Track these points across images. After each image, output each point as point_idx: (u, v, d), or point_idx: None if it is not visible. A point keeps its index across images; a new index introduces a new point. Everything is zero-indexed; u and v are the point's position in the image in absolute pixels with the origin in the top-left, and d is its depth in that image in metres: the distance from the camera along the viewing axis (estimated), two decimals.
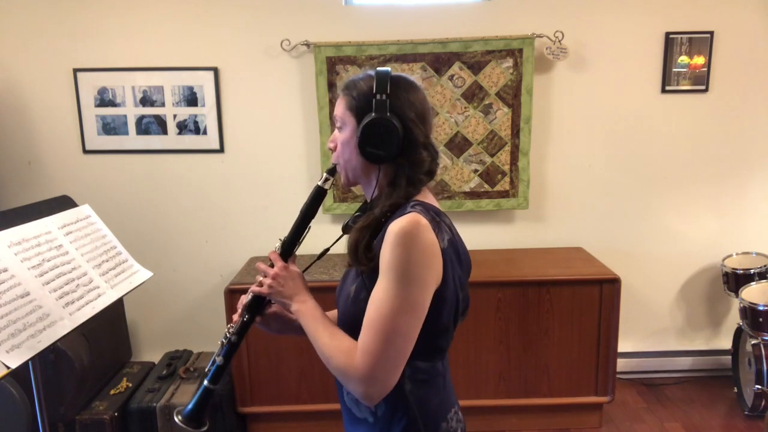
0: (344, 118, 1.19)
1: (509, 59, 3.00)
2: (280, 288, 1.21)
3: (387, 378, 1.06)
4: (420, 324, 1.07)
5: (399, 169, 1.16)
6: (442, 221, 1.13)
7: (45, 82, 3.05)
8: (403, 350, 1.06)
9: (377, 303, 1.05)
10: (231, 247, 3.21)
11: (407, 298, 1.04)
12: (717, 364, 3.35)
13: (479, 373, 2.82)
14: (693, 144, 3.17)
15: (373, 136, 1.13)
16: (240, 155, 3.14)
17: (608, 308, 2.75)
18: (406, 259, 1.04)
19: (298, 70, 3.06)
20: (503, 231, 3.25)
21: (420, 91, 1.20)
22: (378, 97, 1.13)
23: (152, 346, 3.30)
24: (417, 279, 1.05)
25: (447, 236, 1.12)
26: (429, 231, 1.06)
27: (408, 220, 1.06)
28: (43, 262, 1.61)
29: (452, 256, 1.12)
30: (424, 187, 1.20)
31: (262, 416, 2.88)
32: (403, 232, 1.04)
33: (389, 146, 1.12)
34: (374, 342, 1.04)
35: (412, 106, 1.16)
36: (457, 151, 3.09)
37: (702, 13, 3.03)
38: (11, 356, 1.38)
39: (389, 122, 1.12)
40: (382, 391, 1.07)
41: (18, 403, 2.34)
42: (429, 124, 1.20)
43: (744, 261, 3.15)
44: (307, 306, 1.19)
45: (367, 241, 1.11)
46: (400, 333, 1.04)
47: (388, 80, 1.15)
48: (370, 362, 1.04)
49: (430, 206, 1.14)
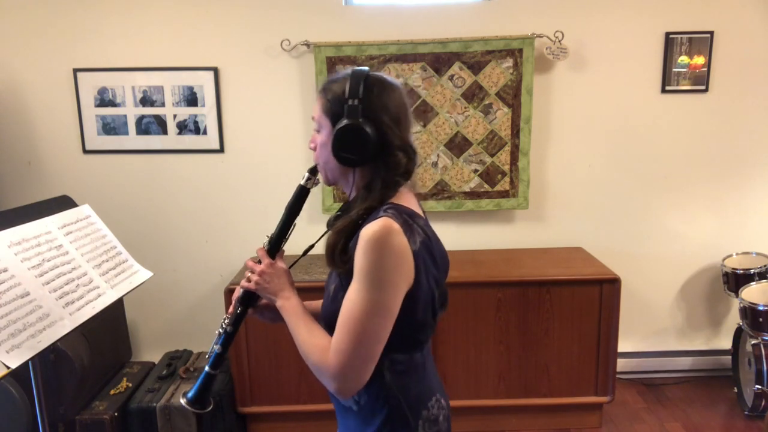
0: (321, 121, 1.22)
1: (509, 59, 3.00)
2: (266, 284, 1.27)
3: (357, 376, 1.11)
4: (390, 325, 1.11)
5: (374, 172, 1.19)
6: (414, 224, 1.15)
7: (45, 82, 3.05)
8: (372, 350, 1.11)
9: (349, 304, 1.10)
10: (231, 247, 3.21)
11: (378, 301, 1.08)
12: (717, 364, 3.35)
13: (479, 373, 2.82)
14: (693, 144, 3.17)
15: (346, 141, 1.15)
16: (240, 155, 3.14)
17: (608, 308, 2.75)
18: (377, 264, 1.08)
19: (298, 70, 3.06)
20: (503, 231, 3.25)
21: (396, 92, 1.20)
22: (350, 102, 1.15)
23: (152, 346, 3.30)
24: (387, 283, 1.09)
25: (419, 238, 1.15)
26: (400, 235, 1.10)
27: (380, 224, 1.09)
28: (43, 262, 1.61)
29: (425, 257, 1.16)
30: (403, 188, 1.22)
31: (262, 416, 2.88)
32: (374, 237, 1.08)
33: (362, 151, 1.15)
34: (345, 342, 1.09)
35: (386, 110, 1.17)
36: (457, 151, 3.09)
37: (702, 13, 3.03)
38: (11, 356, 1.38)
39: (360, 128, 1.14)
40: (353, 387, 1.12)
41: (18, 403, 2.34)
42: (405, 125, 1.21)
43: (744, 261, 3.15)
44: (290, 303, 1.24)
45: (343, 244, 1.15)
46: (370, 334, 1.09)
47: (361, 84, 1.16)
48: (341, 361, 1.10)
49: (403, 209, 1.17)
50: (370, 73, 1.19)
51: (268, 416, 2.88)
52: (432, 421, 1.24)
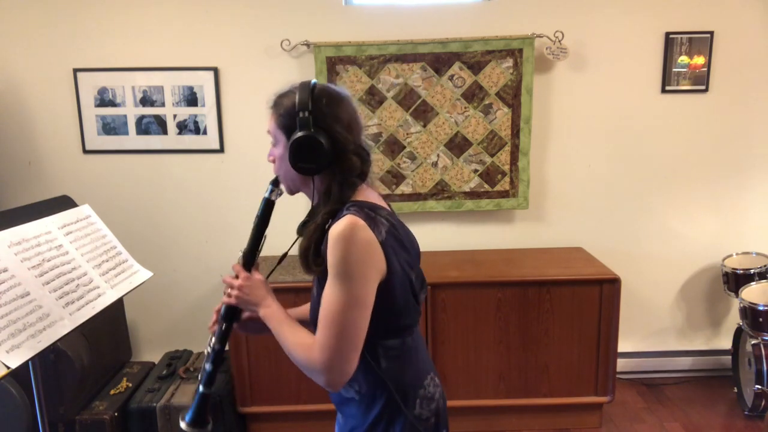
0: (276, 135, 1.28)
1: (509, 59, 3.00)
2: (246, 297, 1.33)
3: (343, 367, 1.17)
4: (367, 315, 1.17)
5: (332, 177, 1.24)
6: (377, 216, 1.21)
7: (45, 82, 3.05)
8: (354, 341, 1.16)
9: (326, 301, 1.16)
10: (231, 247, 3.21)
11: (352, 293, 1.14)
12: (717, 364, 3.35)
13: (479, 373, 2.82)
14: (693, 144, 3.17)
15: (301, 152, 1.21)
16: (240, 155, 3.14)
17: (608, 308, 2.75)
18: (346, 259, 1.14)
19: (298, 70, 3.06)
20: (503, 231, 3.25)
21: (344, 101, 1.26)
22: (301, 114, 1.21)
23: (152, 346, 3.30)
24: (358, 275, 1.15)
25: (384, 228, 1.20)
26: (365, 229, 1.16)
27: (344, 223, 1.15)
28: (43, 262, 1.61)
29: (393, 244, 1.22)
30: (364, 185, 1.29)
31: (262, 416, 2.88)
32: (340, 234, 1.14)
33: (318, 159, 1.21)
34: (328, 337, 1.16)
35: (337, 119, 1.23)
36: (457, 151, 3.09)
37: (702, 13, 3.03)
38: (11, 356, 1.38)
39: (313, 138, 1.20)
40: (341, 379, 1.18)
41: (18, 403, 2.34)
42: (357, 129, 1.27)
43: (744, 261, 3.15)
44: (272, 310, 1.30)
45: (315, 247, 1.21)
46: (349, 326, 1.15)
47: (309, 96, 1.22)
48: (326, 355, 1.16)
49: (365, 204, 1.23)
50: (317, 84, 1.25)
51: (268, 416, 2.88)
52: (429, 398, 1.31)
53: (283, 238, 1.45)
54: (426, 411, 1.30)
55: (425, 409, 1.30)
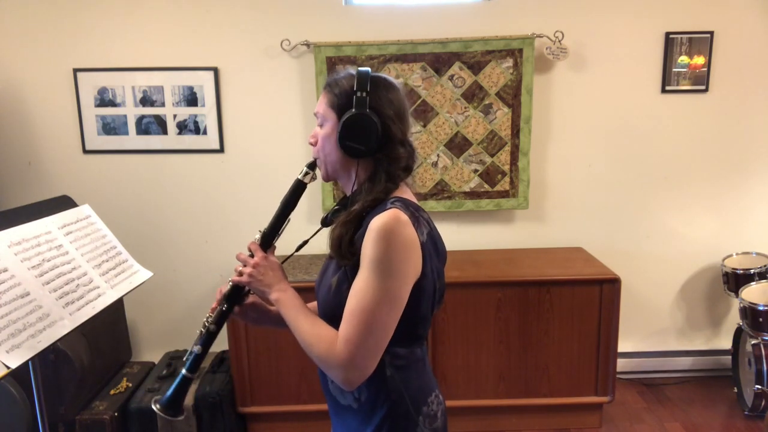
0: (325, 115, 1.23)
1: (509, 59, 3.00)
2: (260, 277, 1.25)
3: (366, 365, 1.11)
4: (398, 315, 1.12)
5: (378, 165, 1.20)
6: (420, 216, 1.18)
7: (45, 82, 3.05)
8: (381, 339, 1.11)
9: (359, 294, 1.10)
10: (231, 247, 3.21)
11: (387, 290, 1.09)
12: (717, 364, 3.35)
13: (479, 373, 2.82)
14: (693, 144, 3.17)
15: (353, 130, 1.17)
16: (240, 155, 3.14)
17: (608, 308, 2.75)
18: (387, 254, 1.09)
19: (298, 70, 3.06)
20: (503, 231, 3.25)
21: (398, 91, 1.24)
22: (358, 94, 1.17)
23: (152, 346, 3.30)
24: (397, 272, 1.10)
25: (426, 230, 1.17)
26: (409, 226, 1.12)
27: (389, 215, 1.11)
28: (43, 262, 1.61)
29: (431, 249, 1.18)
30: (403, 183, 1.24)
31: (262, 416, 2.88)
32: (384, 227, 1.09)
33: (368, 141, 1.17)
34: (355, 331, 1.09)
35: (391, 104, 1.20)
36: (457, 151, 3.09)
37: (702, 13, 3.03)
38: (11, 356, 1.38)
39: (368, 118, 1.17)
40: (360, 378, 1.12)
41: (18, 403, 2.34)
42: (406, 122, 1.24)
43: (744, 261, 3.15)
44: (287, 295, 1.23)
45: (350, 236, 1.16)
46: (379, 323, 1.10)
47: (368, 79, 1.19)
48: (350, 350, 1.09)
49: (409, 202, 1.19)
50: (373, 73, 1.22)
51: (268, 416, 2.88)
52: (432, 416, 1.24)
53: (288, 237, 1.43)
54: (428, 430, 1.22)
55: (428, 428, 1.22)
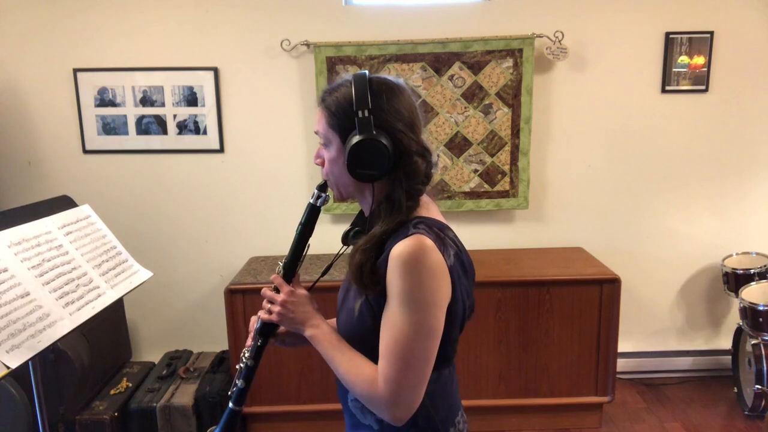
0: (327, 136, 1.13)
1: (509, 59, 3.00)
2: (290, 315, 1.19)
3: (411, 400, 1.06)
4: (437, 344, 1.06)
5: (395, 183, 1.10)
6: (446, 237, 1.09)
7: (45, 82, 3.05)
8: (423, 372, 1.06)
9: (392, 330, 1.04)
10: (231, 247, 3.21)
11: (422, 323, 1.03)
12: (717, 364, 3.35)
13: (479, 373, 2.82)
14: (693, 144, 3.17)
15: (363, 157, 1.06)
16: (240, 155, 3.14)
17: (608, 308, 2.75)
18: (416, 285, 1.02)
19: (298, 70, 3.06)
20: (503, 231, 3.25)
21: (404, 94, 1.12)
22: (360, 114, 1.06)
23: (152, 346, 3.30)
24: (429, 303, 1.03)
25: (452, 251, 1.09)
26: (435, 252, 1.04)
27: (412, 243, 1.03)
28: (43, 262, 1.61)
29: (459, 270, 1.10)
30: (426, 197, 1.16)
31: (262, 416, 2.88)
32: (410, 257, 1.02)
33: (380, 165, 1.07)
34: (395, 369, 1.03)
35: (399, 115, 1.09)
36: (457, 151, 3.09)
37: (702, 13, 3.03)
38: (11, 356, 1.38)
39: (377, 142, 1.06)
40: (408, 413, 1.07)
41: (18, 403, 2.35)
42: (419, 126, 1.13)
43: (744, 261, 3.15)
44: (321, 331, 1.17)
45: (371, 263, 1.08)
46: (418, 357, 1.04)
47: (368, 91, 1.07)
48: (392, 389, 1.04)
49: (433, 222, 1.10)
50: (372, 77, 1.10)
51: (268, 416, 2.88)
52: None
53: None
54: None
55: None
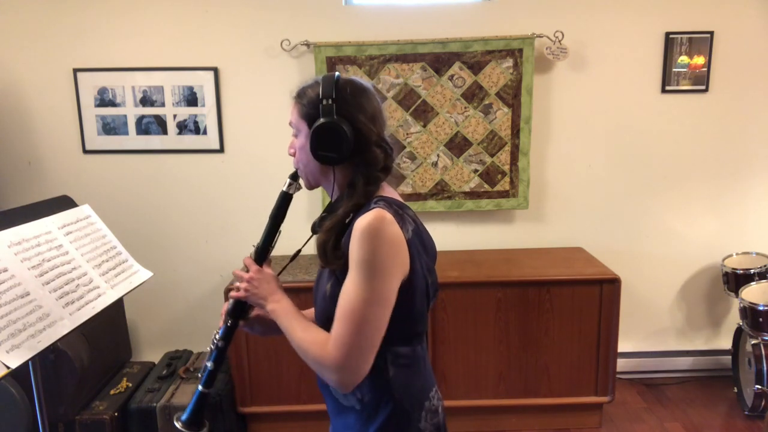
0: (298, 125, 1.25)
1: (509, 59, 3.00)
2: (255, 290, 1.28)
3: (359, 365, 1.12)
4: (388, 313, 1.13)
5: (355, 169, 1.22)
6: (405, 213, 1.19)
7: (45, 82, 3.05)
8: (373, 339, 1.12)
9: (347, 295, 1.11)
10: (231, 247, 3.21)
11: (375, 289, 1.10)
12: (717, 364, 3.35)
13: (479, 373, 2.82)
14: (693, 144, 3.17)
15: (323, 139, 1.17)
16: (240, 155, 3.14)
17: (608, 308, 2.75)
18: (373, 253, 1.10)
19: (298, 70, 3.06)
20: (503, 231, 3.25)
21: (368, 92, 1.24)
22: (324, 102, 1.18)
23: (152, 346, 3.30)
24: (384, 271, 1.11)
25: (411, 227, 1.18)
26: (393, 224, 1.13)
27: (373, 215, 1.12)
28: (43, 262, 1.61)
29: (417, 245, 1.19)
30: (385, 183, 1.26)
31: (262, 416, 2.88)
32: (369, 227, 1.10)
33: (340, 148, 1.17)
34: (346, 332, 1.10)
35: (360, 108, 1.20)
36: (457, 151, 3.09)
37: (702, 13, 3.03)
38: (11, 356, 1.38)
39: (336, 125, 1.17)
40: (355, 379, 1.13)
41: (18, 403, 2.35)
42: (380, 122, 1.24)
43: (744, 261, 3.15)
44: (281, 305, 1.25)
45: (334, 241, 1.17)
46: (369, 323, 1.11)
47: (333, 85, 1.19)
48: (342, 351, 1.10)
49: (392, 200, 1.20)
50: (341, 77, 1.22)
51: (268, 416, 2.88)
52: (433, 411, 1.26)
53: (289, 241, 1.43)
54: (430, 425, 1.24)
55: (429, 423, 1.24)
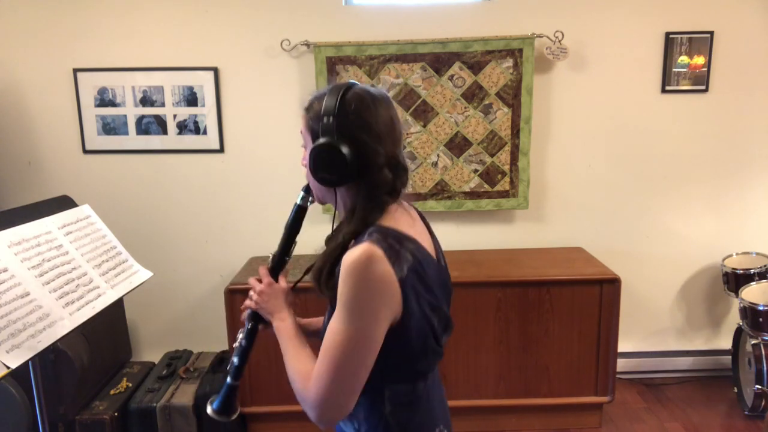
0: (305, 138, 1.18)
1: (509, 59, 3.00)
2: (263, 304, 1.29)
3: (338, 404, 1.07)
4: (373, 355, 1.06)
5: (357, 192, 1.13)
6: (402, 248, 1.08)
7: (45, 82, 3.05)
8: (353, 380, 1.06)
9: (331, 332, 1.06)
10: (231, 247, 3.21)
11: (357, 330, 1.04)
12: (717, 364, 3.34)
13: (479, 373, 2.82)
14: (693, 144, 3.17)
15: (321, 161, 1.10)
16: (240, 155, 3.14)
17: (608, 308, 2.75)
18: (357, 292, 1.03)
19: (298, 70, 3.06)
20: (503, 231, 3.25)
21: (380, 108, 1.12)
22: (325, 120, 1.09)
23: (152, 346, 3.30)
24: (367, 312, 1.04)
25: (407, 264, 1.07)
26: (382, 262, 1.03)
27: (360, 251, 1.03)
28: (43, 262, 1.61)
29: (415, 284, 1.09)
30: (395, 206, 1.16)
31: (262, 416, 2.88)
32: (353, 264, 1.03)
33: (338, 170, 1.09)
34: (325, 370, 1.05)
35: (365, 126, 1.09)
36: (457, 151, 3.09)
37: (702, 13, 3.03)
38: (11, 356, 1.38)
39: (334, 147, 1.08)
40: (334, 416, 1.09)
41: (18, 403, 2.35)
42: (391, 140, 1.13)
43: (744, 261, 3.15)
44: (285, 324, 1.25)
45: (329, 269, 1.12)
46: (350, 363, 1.05)
47: (337, 100, 1.09)
48: (320, 389, 1.06)
49: (391, 232, 1.09)
50: (354, 88, 1.12)
51: (268, 416, 2.88)
52: None
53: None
54: None
55: None
